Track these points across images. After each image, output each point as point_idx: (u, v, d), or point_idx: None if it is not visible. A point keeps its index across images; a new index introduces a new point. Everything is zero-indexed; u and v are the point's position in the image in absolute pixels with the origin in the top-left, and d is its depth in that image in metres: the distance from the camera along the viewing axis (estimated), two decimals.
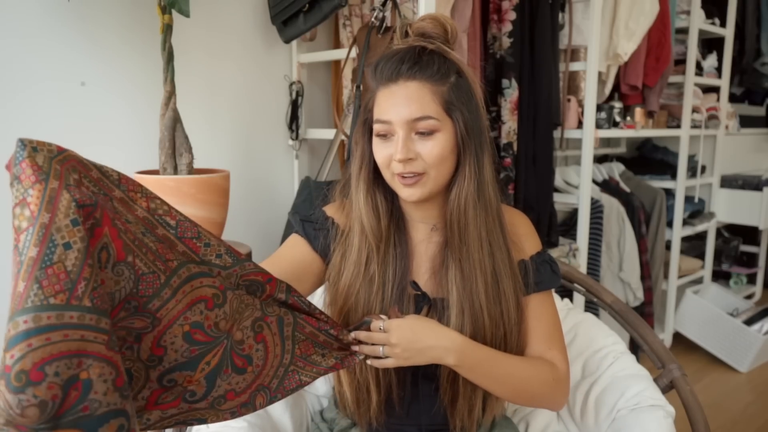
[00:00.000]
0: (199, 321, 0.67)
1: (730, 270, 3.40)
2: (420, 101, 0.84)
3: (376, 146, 0.88)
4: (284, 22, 1.73)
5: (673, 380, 1.08)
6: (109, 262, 0.60)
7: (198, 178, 1.37)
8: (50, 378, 0.52)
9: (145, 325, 0.64)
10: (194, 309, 0.67)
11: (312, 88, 1.99)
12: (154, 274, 0.63)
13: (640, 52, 2.28)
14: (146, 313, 0.63)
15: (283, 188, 1.94)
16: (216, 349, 0.69)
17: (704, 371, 2.57)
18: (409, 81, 0.84)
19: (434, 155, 0.84)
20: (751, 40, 3.13)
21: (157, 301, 0.64)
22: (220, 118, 1.76)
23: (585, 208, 2.11)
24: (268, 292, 0.77)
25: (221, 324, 0.69)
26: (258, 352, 0.75)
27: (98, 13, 1.49)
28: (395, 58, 0.86)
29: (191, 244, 0.70)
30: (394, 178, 0.87)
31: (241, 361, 0.73)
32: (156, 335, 0.65)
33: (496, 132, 1.93)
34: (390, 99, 0.85)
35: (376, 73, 0.87)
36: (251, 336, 0.74)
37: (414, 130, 0.84)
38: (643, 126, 2.42)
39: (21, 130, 1.40)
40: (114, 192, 0.64)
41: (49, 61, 1.43)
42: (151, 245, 0.64)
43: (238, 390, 0.73)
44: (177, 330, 0.65)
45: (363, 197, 0.91)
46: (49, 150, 0.59)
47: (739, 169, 3.27)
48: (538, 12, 1.90)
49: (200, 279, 0.68)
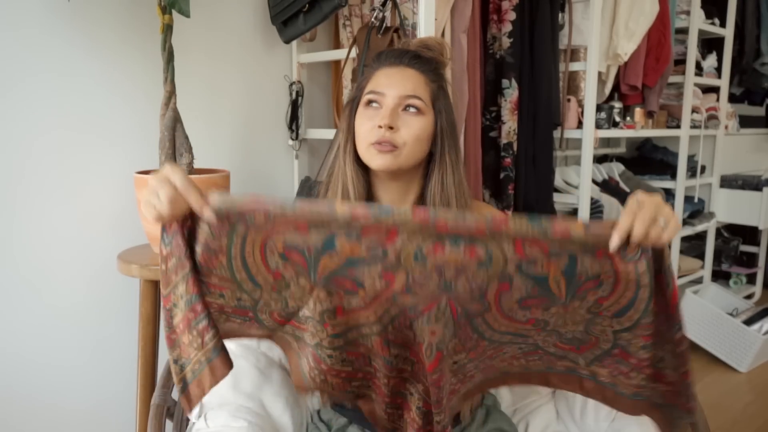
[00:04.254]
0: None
1: (729, 270, 3.40)
2: (415, 84, 0.93)
3: (361, 116, 0.94)
4: (284, 22, 1.73)
5: None
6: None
7: (198, 178, 1.37)
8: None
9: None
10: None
11: (312, 88, 1.99)
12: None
13: (640, 52, 2.28)
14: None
15: (283, 188, 1.94)
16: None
17: (704, 371, 2.57)
18: (408, 67, 0.95)
19: (414, 132, 0.92)
20: (751, 40, 3.12)
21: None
22: (220, 118, 1.76)
23: (585, 208, 2.11)
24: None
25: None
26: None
27: (98, 13, 1.49)
28: (400, 50, 0.97)
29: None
30: (370, 147, 0.91)
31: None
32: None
33: (496, 132, 1.93)
34: (388, 77, 0.94)
35: (380, 58, 0.97)
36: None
37: (402, 106, 0.92)
38: (643, 126, 2.42)
39: (21, 130, 1.40)
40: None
41: (50, 61, 1.43)
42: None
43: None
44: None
45: (351, 164, 0.96)
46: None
47: (739, 169, 3.27)
48: (538, 12, 1.90)
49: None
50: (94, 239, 1.54)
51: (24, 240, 1.44)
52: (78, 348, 1.56)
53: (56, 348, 1.52)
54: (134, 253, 1.44)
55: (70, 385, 1.55)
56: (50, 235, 1.48)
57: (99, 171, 1.53)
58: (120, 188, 1.56)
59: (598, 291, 0.75)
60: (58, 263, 1.50)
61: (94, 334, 1.58)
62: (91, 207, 1.53)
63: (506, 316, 0.79)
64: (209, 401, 0.99)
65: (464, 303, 0.77)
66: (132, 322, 1.60)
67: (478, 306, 0.78)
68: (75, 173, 1.50)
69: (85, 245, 1.53)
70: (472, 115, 1.78)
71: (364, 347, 0.84)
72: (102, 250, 1.55)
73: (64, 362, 1.54)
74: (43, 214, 1.46)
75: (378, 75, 0.95)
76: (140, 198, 1.38)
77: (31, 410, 1.49)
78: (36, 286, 1.47)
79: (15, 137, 1.40)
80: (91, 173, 1.52)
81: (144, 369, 1.42)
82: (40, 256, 1.47)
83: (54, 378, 1.52)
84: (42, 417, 1.51)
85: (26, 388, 1.48)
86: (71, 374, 1.55)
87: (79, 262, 1.53)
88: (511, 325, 0.80)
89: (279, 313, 0.85)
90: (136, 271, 1.35)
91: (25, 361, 1.48)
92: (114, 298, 1.59)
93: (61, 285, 1.51)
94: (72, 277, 1.52)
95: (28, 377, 1.48)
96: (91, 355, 1.58)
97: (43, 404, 1.51)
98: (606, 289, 0.75)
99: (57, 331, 1.52)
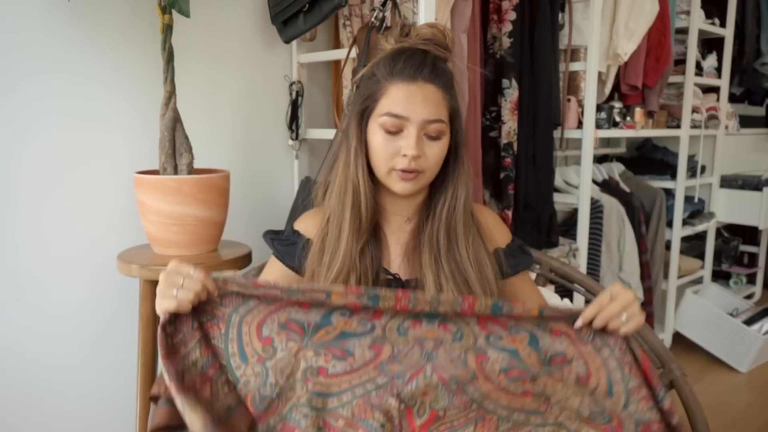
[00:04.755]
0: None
1: (729, 270, 3.40)
2: (436, 105, 0.90)
3: (379, 134, 0.91)
4: (284, 22, 1.73)
5: (673, 380, 1.08)
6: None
7: (198, 178, 1.37)
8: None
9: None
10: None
11: (312, 88, 1.99)
12: None
13: (640, 52, 2.28)
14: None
15: (283, 188, 1.94)
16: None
17: (704, 371, 2.58)
18: (427, 83, 0.90)
19: (437, 157, 0.91)
20: (751, 40, 3.12)
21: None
22: (220, 118, 1.76)
23: (585, 208, 2.11)
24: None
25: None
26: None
27: (98, 13, 1.48)
28: (415, 59, 0.90)
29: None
30: (392, 173, 0.91)
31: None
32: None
33: (496, 132, 1.93)
34: (408, 97, 0.89)
35: (393, 67, 0.91)
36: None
37: (425, 131, 0.90)
38: (643, 126, 2.42)
39: (21, 130, 1.40)
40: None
41: (49, 61, 1.43)
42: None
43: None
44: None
45: (363, 176, 0.93)
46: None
47: (739, 169, 3.27)
48: (538, 12, 1.90)
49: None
50: (94, 239, 1.54)
51: (24, 240, 1.44)
52: (78, 347, 1.56)
53: (56, 347, 1.52)
54: (134, 253, 1.44)
55: (70, 384, 1.55)
56: (50, 235, 1.48)
57: (99, 171, 1.53)
58: (120, 188, 1.56)
59: (572, 366, 0.83)
60: (58, 263, 1.50)
61: (94, 334, 1.58)
62: (91, 207, 1.53)
63: (500, 388, 0.82)
64: None
65: (448, 370, 0.82)
66: (132, 322, 1.60)
67: (463, 372, 0.82)
68: (75, 173, 1.50)
69: (85, 245, 1.53)
70: (472, 115, 1.78)
71: (343, 419, 0.82)
72: (102, 250, 1.55)
73: (64, 361, 1.54)
74: (44, 214, 1.46)
75: (395, 91, 0.90)
76: (140, 199, 1.38)
77: (31, 409, 1.49)
78: (36, 286, 1.47)
79: (15, 137, 1.40)
80: (91, 173, 1.52)
81: (144, 368, 1.42)
82: (40, 256, 1.47)
83: (54, 377, 1.52)
84: (42, 416, 1.51)
85: (26, 387, 1.48)
86: (71, 373, 1.55)
87: (79, 262, 1.53)
88: (514, 400, 0.83)
89: (253, 397, 0.84)
90: (136, 271, 1.35)
91: (25, 360, 1.48)
92: (114, 298, 1.59)
93: (61, 285, 1.51)
94: (72, 277, 1.52)
95: (28, 376, 1.48)
96: (91, 355, 1.58)
97: (43, 403, 1.51)
98: (580, 370, 0.83)
99: (57, 330, 1.52)
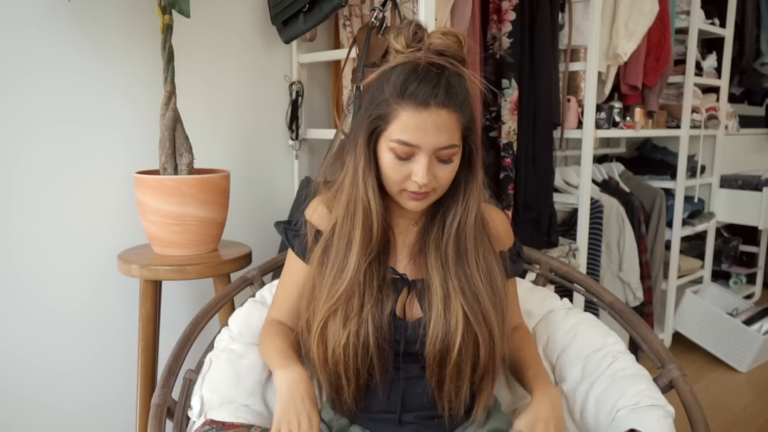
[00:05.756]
0: None
1: (729, 270, 3.40)
2: (449, 131, 0.87)
3: (393, 163, 0.89)
4: (284, 22, 1.73)
5: (672, 380, 1.08)
6: None
7: (198, 178, 1.37)
8: None
9: None
10: None
11: (312, 88, 1.99)
12: None
13: (640, 52, 2.28)
14: None
15: (283, 188, 1.95)
16: None
17: (704, 371, 2.58)
18: (440, 109, 0.85)
19: (448, 177, 0.91)
20: (751, 40, 3.13)
21: None
22: (221, 118, 1.76)
23: (585, 208, 2.11)
24: None
25: None
26: None
27: (98, 13, 1.49)
28: (428, 82, 0.85)
29: None
30: (403, 192, 0.91)
31: None
32: None
33: (496, 132, 1.93)
34: (420, 124, 0.85)
35: (405, 90, 0.85)
36: None
37: (437, 156, 0.88)
38: (643, 126, 2.42)
39: (21, 130, 1.40)
40: None
41: (49, 61, 1.43)
42: None
43: None
44: None
45: (373, 192, 0.92)
46: None
47: (739, 169, 3.27)
48: (538, 12, 1.90)
49: None
50: (95, 239, 1.54)
51: (24, 240, 1.44)
52: (78, 348, 1.56)
53: (56, 348, 1.52)
54: (134, 253, 1.44)
55: (70, 385, 1.55)
56: (50, 235, 1.48)
57: (99, 170, 1.53)
58: (120, 188, 1.56)
59: None
60: (58, 263, 1.50)
61: (94, 334, 1.58)
62: (91, 207, 1.53)
63: None
64: (210, 399, 0.99)
65: None
66: (132, 322, 1.61)
67: None
68: (75, 173, 1.50)
69: (85, 245, 1.53)
70: None
71: None
72: (102, 250, 1.55)
73: (64, 362, 1.54)
74: (44, 214, 1.46)
75: (406, 118, 0.86)
76: (140, 199, 1.38)
77: (30, 410, 1.49)
78: (36, 286, 1.47)
79: (14, 137, 1.40)
80: (91, 173, 1.52)
81: (144, 369, 1.42)
82: (40, 256, 1.47)
83: (54, 378, 1.52)
84: (41, 417, 1.51)
85: (26, 387, 1.48)
86: (71, 374, 1.55)
87: (79, 262, 1.53)
88: None
89: None
90: (136, 271, 1.35)
91: (25, 361, 1.48)
92: (114, 298, 1.59)
93: (61, 285, 1.51)
94: (72, 277, 1.52)
95: (27, 377, 1.48)
96: (91, 355, 1.58)
97: (42, 404, 1.51)
98: None
99: (56, 330, 1.52)
